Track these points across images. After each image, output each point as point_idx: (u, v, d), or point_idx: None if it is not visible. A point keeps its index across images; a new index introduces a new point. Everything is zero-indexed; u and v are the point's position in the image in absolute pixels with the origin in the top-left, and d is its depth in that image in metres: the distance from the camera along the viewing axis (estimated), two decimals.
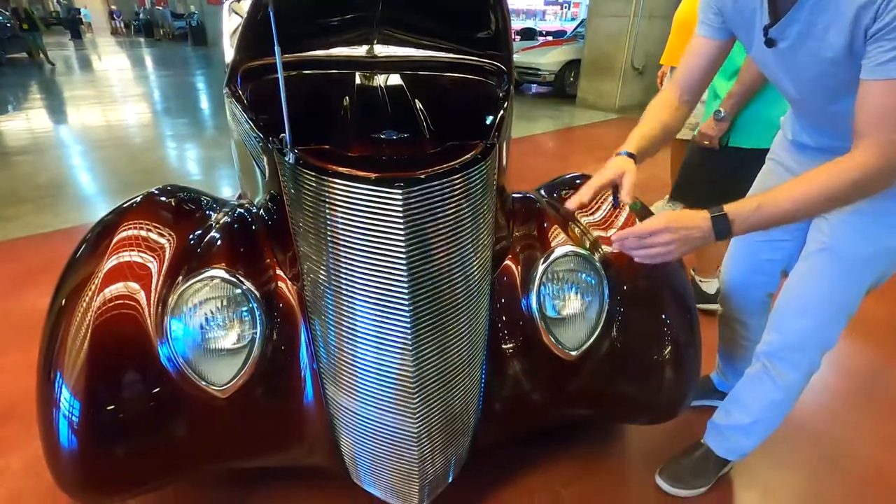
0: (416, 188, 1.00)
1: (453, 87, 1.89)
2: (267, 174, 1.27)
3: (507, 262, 1.29)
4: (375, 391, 1.03)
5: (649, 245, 0.89)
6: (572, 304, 1.22)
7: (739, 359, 1.48)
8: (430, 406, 1.04)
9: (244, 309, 1.08)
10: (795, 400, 1.20)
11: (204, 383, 1.04)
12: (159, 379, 1.04)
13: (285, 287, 1.17)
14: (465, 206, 1.08)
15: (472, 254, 1.10)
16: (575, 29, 9.44)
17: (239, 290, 1.08)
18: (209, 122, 6.07)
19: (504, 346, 1.21)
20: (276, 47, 1.07)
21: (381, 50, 1.94)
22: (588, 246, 1.32)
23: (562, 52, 7.98)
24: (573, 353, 1.20)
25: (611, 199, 1.06)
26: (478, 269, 1.13)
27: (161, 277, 1.11)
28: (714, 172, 1.92)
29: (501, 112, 1.50)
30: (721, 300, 1.48)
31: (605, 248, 1.32)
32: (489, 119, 1.50)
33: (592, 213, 1.44)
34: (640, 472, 1.45)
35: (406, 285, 0.98)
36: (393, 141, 1.34)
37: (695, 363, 1.29)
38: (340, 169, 1.04)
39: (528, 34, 11.58)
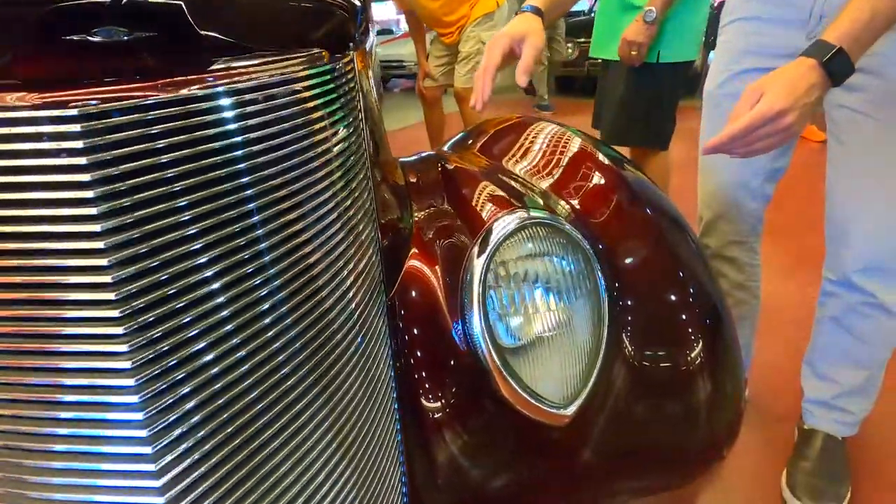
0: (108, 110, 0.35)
1: None
2: None
3: (413, 262, 0.66)
4: None
5: (766, 135, 0.63)
6: (545, 316, 0.63)
7: None
8: None
9: None
10: None
11: None
12: None
13: None
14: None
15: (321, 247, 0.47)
16: None
17: None
18: None
19: (436, 435, 0.58)
20: None
21: None
22: (547, 205, 0.72)
23: None
24: (565, 413, 0.61)
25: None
26: (353, 283, 0.50)
27: None
28: (651, 99, 1.54)
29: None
30: (702, 235, 1.14)
31: (564, 205, 0.73)
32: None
33: (528, 155, 0.86)
34: None
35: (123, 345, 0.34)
36: (115, 45, 0.59)
37: (739, 354, 0.75)
38: None
39: (384, 31, 11.07)
